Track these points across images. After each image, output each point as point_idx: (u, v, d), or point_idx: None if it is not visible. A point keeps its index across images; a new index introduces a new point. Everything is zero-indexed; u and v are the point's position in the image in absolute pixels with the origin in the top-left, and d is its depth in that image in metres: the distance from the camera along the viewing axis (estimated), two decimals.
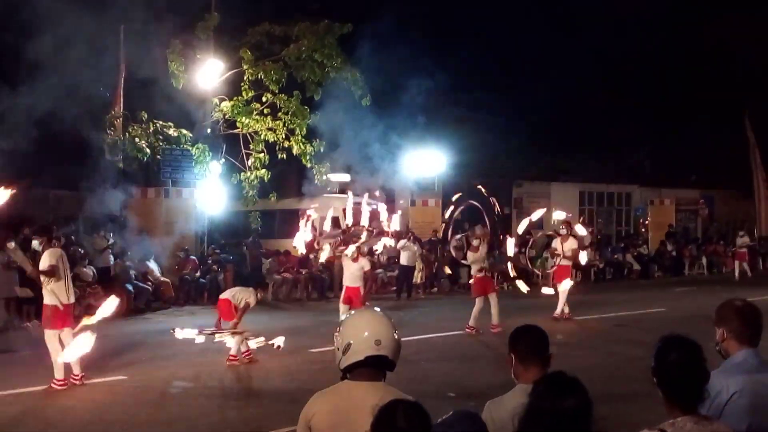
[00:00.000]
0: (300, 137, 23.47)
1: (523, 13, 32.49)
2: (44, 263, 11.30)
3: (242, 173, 23.78)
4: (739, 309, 4.30)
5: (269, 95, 23.29)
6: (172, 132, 22.80)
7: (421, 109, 23.91)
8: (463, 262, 19.59)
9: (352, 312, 4.00)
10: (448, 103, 28.05)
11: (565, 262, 18.31)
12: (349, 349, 3.65)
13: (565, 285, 17.81)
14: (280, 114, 23.48)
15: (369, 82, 23.43)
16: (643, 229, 34.41)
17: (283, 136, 23.55)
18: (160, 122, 22.70)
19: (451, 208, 19.48)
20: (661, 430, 3.35)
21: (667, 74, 33.52)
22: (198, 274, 22.33)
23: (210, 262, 22.69)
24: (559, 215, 18.86)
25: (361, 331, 3.68)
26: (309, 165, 23.89)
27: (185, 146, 22.97)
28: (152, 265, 21.30)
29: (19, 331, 16.03)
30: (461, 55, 28.09)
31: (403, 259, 23.81)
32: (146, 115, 22.55)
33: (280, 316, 19.58)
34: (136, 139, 22.26)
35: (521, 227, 18.45)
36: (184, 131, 23.01)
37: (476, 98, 30.20)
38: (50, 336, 11.23)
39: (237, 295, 13.37)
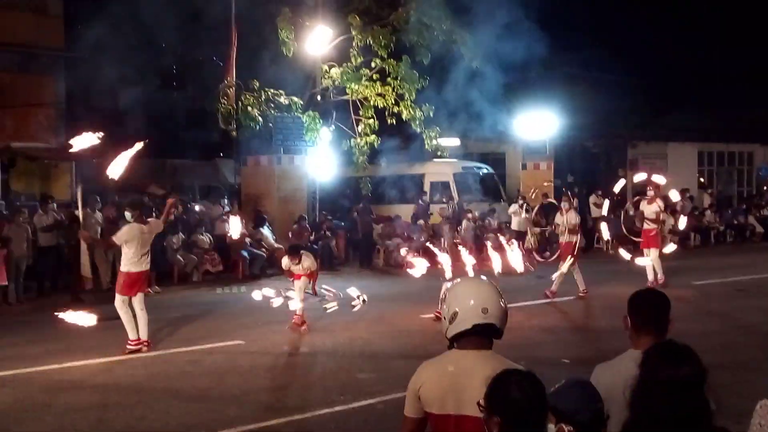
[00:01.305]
0: (409, 102, 23.39)
1: None
2: (118, 237, 11.87)
3: (352, 139, 23.90)
4: None
5: (378, 61, 23.26)
6: (283, 100, 23.04)
7: (532, 70, 23.46)
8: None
9: (457, 280, 3.92)
10: (559, 63, 27.44)
11: (649, 226, 17.40)
12: (456, 317, 3.59)
13: (653, 254, 17.14)
14: (389, 79, 23.43)
15: (479, 44, 23.11)
16: (765, 188, 33.05)
17: (393, 102, 23.51)
18: (272, 90, 22.96)
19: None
20: None
21: None
22: (312, 239, 22.61)
23: (322, 228, 22.94)
24: (659, 179, 17.69)
25: (467, 299, 3.61)
26: (419, 130, 23.82)
27: (296, 114, 23.20)
28: (266, 231, 21.67)
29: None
30: (571, 12, 27.40)
31: (514, 224, 23.53)
32: (258, 84, 22.84)
33: (391, 282, 19.68)
34: (249, 108, 22.59)
35: (617, 187, 17.79)
36: (295, 99, 23.23)
37: (587, 57, 29.46)
38: (119, 301, 11.75)
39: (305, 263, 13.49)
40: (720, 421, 3.10)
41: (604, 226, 19.75)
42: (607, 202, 18.33)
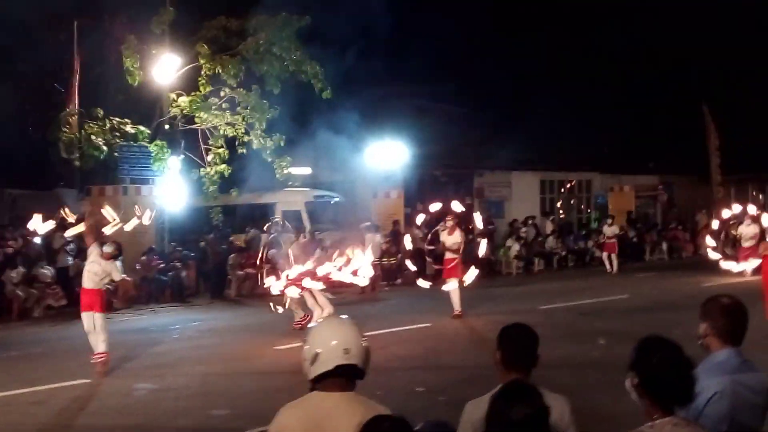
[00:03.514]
0: (260, 131, 23.24)
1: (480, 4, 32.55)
2: None
3: (202, 169, 23.52)
4: (725, 307, 4.24)
5: (227, 90, 23.03)
6: (129, 129, 22.49)
7: (382, 101, 23.81)
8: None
9: (318, 321, 3.90)
10: (408, 95, 27.99)
11: (450, 255, 17.29)
12: (318, 359, 3.54)
13: (452, 284, 17.01)
14: (239, 108, 23.23)
15: (329, 76, 23.26)
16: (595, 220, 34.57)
17: (243, 131, 23.31)
18: (117, 119, 22.37)
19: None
20: None
21: (624, 64, 33.71)
22: (160, 270, 22.06)
23: (172, 259, 22.43)
24: (457, 206, 17.34)
25: (329, 340, 3.58)
26: (270, 159, 23.69)
27: (143, 143, 22.67)
28: (118, 263, 20.92)
29: None
30: (420, 46, 28.01)
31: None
32: (102, 112, 22.19)
33: (243, 313, 19.43)
34: (93, 137, 21.90)
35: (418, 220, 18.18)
36: (142, 128, 22.72)
37: (436, 89, 30.20)
38: None
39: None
40: None
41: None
42: (408, 237, 18.42)
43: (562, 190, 35.93)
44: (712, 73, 32.17)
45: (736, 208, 21.11)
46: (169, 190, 23.20)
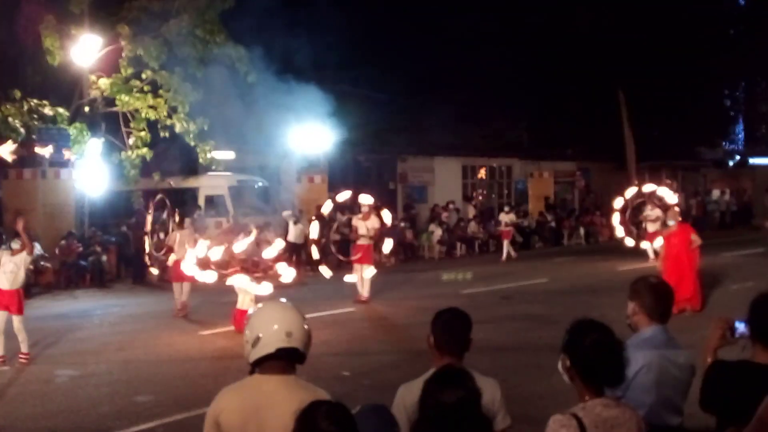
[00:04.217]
0: (183, 115, 22.97)
1: None
2: None
3: (123, 152, 23.16)
4: (653, 286, 4.50)
5: (149, 72, 22.68)
6: (47, 111, 21.98)
7: (306, 86, 23.75)
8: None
9: (261, 305, 3.94)
10: (334, 80, 27.97)
11: (364, 242, 17.39)
12: (259, 342, 3.57)
13: (369, 271, 17.13)
14: (161, 91, 22.90)
15: (253, 59, 23.10)
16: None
17: (166, 114, 23.00)
18: (35, 101, 21.85)
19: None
20: (573, 414, 3.44)
21: (544, 51, 34.19)
22: (80, 255, 21.72)
23: (92, 244, 22.10)
24: (365, 199, 17.59)
25: (271, 323, 3.61)
26: (193, 143, 23.46)
27: (62, 125, 22.20)
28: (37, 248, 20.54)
29: None
30: (344, 30, 28.00)
31: (291, 237, 23.70)
32: (20, 94, 21.66)
33: (166, 298, 19.26)
34: (10, 119, 21.36)
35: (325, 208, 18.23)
36: (61, 110, 22.23)
37: (360, 75, 30.26)
38: None
39: None
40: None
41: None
42: (315, 224, 18.53)
43: (480, 176, 36.40)
44: (627, 61, 32.90)
45: (649, 187, 21.53)
46: (89, 173, 22.81)
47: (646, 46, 32.96)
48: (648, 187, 21.60)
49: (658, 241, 16.43)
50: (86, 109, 23.19)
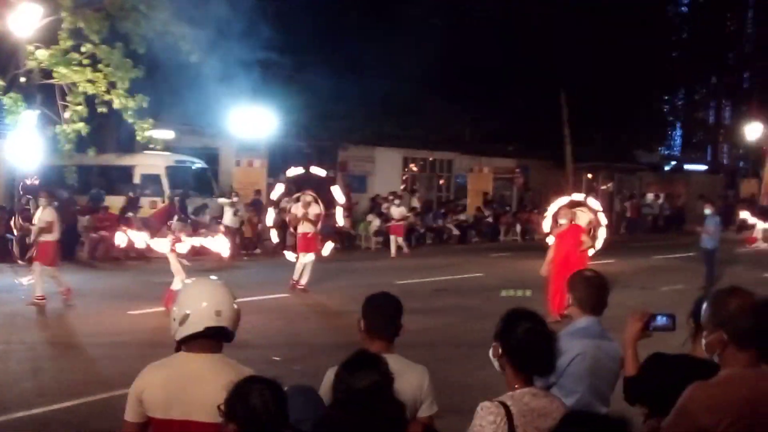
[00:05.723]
0: (122, 91, 22.50)
1: None
2: None
3: (58, 126, 22.62)
4: (588, 279, 4.62)
5: (89, 46, 22.16)
6: None
7: (249, 68, 23.51)
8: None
9: (189, 282, 3.85)
10: (277, 64, 27.70)
11: (307, 228, 17.18)
12: (187, 319, 3.51)
13: (308, 257, 17.07)
14: (100, 66, 22.38)
15: (197, 39, 22.74)
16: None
17: (104, 89, 22.50)
18: None
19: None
20: (501, 402, 3.45)
21: (487, 47, 34.35)
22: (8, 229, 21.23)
23: (21, 218, 21.59)
24: (318, 171, 18.66)
25: (199, 301, 3.55)
26: (131, 120, 23.02)
27: None
28: None
29: None
30: (289, 14, 27.78)
31: (227, 220, 23.51)
32: None
33: (95, 276, 18.94)
34: None
35: (275, 194, 18.65)
36: None
37: (304, 60, 30.03)
38: None
39: None
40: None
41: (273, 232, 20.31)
42: (271, 211, 18.57)
43: (419, 168, 36.49)
44: (571, 62, 33.27)
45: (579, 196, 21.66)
46: (22, 146, 22.24)
47: (589, 49, 33.39)
48: (578, 196, 21.88)
49: (550, 239, 16.32)
50: (22, 79, 22.58)
